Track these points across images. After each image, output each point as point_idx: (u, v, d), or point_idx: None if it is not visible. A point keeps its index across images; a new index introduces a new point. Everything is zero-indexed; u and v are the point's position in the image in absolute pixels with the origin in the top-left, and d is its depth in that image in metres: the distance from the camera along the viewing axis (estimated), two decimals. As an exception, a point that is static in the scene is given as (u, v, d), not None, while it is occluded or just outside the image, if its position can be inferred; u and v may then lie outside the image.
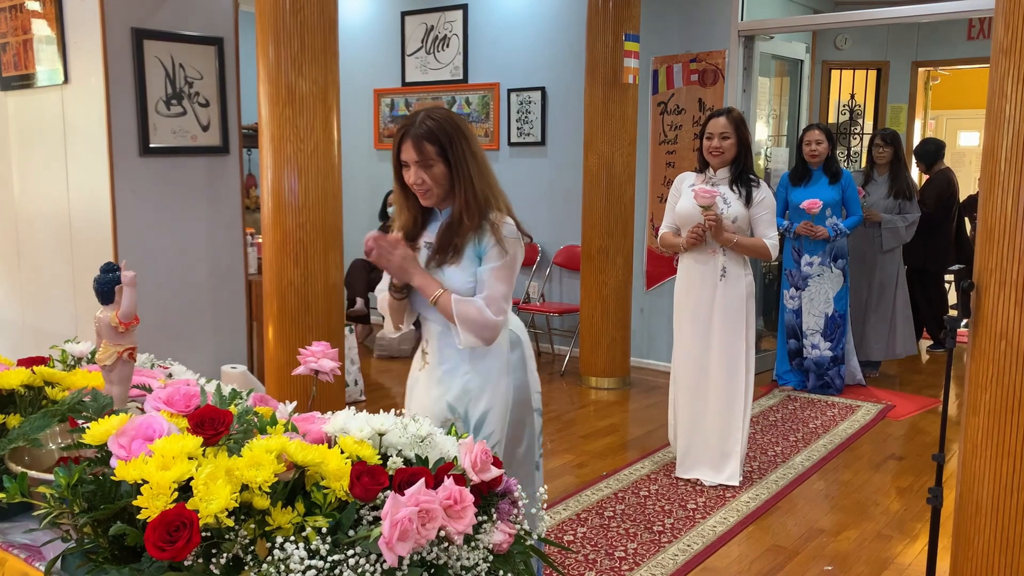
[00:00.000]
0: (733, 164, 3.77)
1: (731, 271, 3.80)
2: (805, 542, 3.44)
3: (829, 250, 5.34)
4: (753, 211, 3.75)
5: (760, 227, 3.78)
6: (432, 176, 2.20)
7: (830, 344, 5.40)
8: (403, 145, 2.20)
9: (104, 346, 1.68)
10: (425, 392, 2.38)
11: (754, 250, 3.78)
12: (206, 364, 4.20)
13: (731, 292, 3.80)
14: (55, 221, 4.33)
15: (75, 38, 4.01)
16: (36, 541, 1.45)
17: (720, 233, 3.69)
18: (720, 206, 3.71)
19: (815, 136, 5.31)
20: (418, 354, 2.45)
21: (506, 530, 1.37)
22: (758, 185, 3.77)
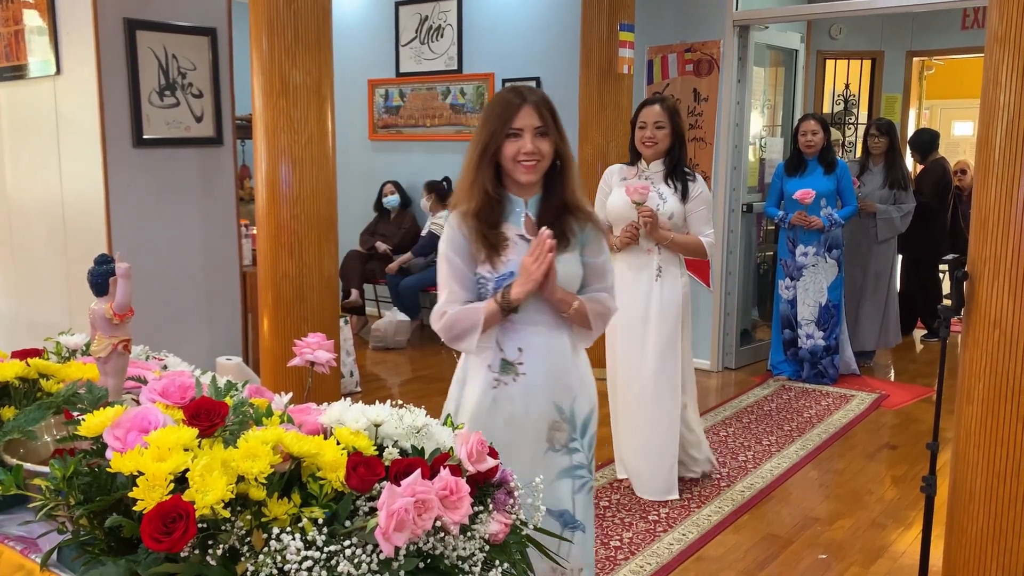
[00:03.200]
0: (667, 156, 3.56)
1: (667, 271, 3.59)
2: (800, 531, 3.45)
3: (824, 240, 5.34)
4: (689, 207, 3.55)
5: (696, 224, 3.57)
6: (544, 148, 2.13)
7: (824, 333, 5.41)
8: (521, 111, 2.11)
9: (99, 338, 1.67)
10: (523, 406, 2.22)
11: (690, 248, 3.57)
12: (201, 356, 4.20)
13: (668, 294, 3.58)
14: (48, 213, 4.32)
15: (67, 28, 3.99)
16: (32, 533, 1.45)
17: (656, 230, 3.47)
18: (655, 202, 3.51)
19: (811, 126, 5.30)
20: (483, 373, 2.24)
21: (502, 520, 1.37)
22: (694, 179, 3.58)
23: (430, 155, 6.98)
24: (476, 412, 2.23)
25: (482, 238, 2.15)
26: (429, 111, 6.95)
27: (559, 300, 2.16)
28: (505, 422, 2.21)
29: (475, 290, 2.20)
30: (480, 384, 2.24)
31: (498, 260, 2.16)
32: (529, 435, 2.23)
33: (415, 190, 6.91)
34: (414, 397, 5.06)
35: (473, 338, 2.15)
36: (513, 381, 2.21)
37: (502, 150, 2.13)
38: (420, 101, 6.98)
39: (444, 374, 5.79)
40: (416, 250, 6.62)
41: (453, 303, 2.18)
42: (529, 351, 2.20)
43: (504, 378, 2.22)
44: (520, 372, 2.21)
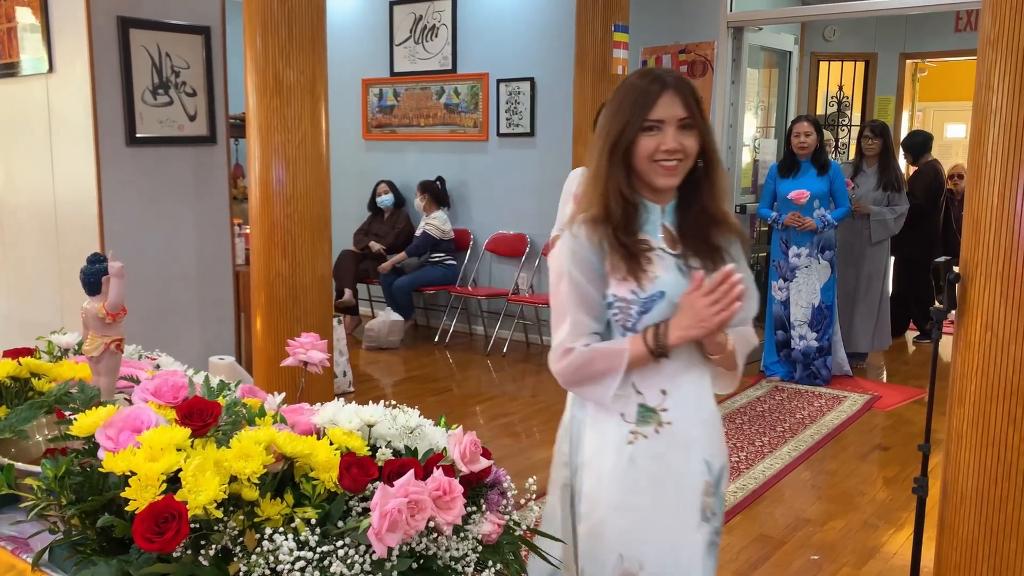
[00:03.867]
0: None
1: None
2: (792, 532, 3.46)
3: (817, 241, 5.35)
4: None
5: None
6: (688, 145, 1.71)
7: (816, 335, 5.43)
8: (661, 99, 1.69)
9: (91, 337, 1.67)
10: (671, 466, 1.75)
11: None
12: (194, 355, 4.19)
13: None
14: (40, 211, 4.30)
15: (60, 26, 3.97)
16: (23, 533, 1.44)
17: None
18: None
19: (804, 128, 5.31)
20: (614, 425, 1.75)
21: (495, 521, 1.37)
22: None
23: (424, 155, 6.98)
24: (607, 477, 1.75)
25: (622, 248, 1.71)
26: (423, 111, 6.94)
27: (717, 342, 1.72)
28: (648, 487, 1.74)
29: (604, 318, 1.75)
30: (611, 439, 1.76)
31: (644, 276, 1.70)
32: (679, 503, 1.77)
33: (409, 190, 6.91)
34: (407, 397, 5.06)
35: (610, 386, 1.71)
36: (656, 433, 1.73)
37: (635, 147, 1.71)
38: (414, 101, 6.98)
39: (437, 374, 5.80)
40: (410, 250, 6.61)
41: (580, 337, 1.72)
42: (676, 394, 1.75)
43: (643, 429, 1.73)
44: (664, 421, 1.74)
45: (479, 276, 6.72)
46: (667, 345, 1.68)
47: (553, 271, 1.80)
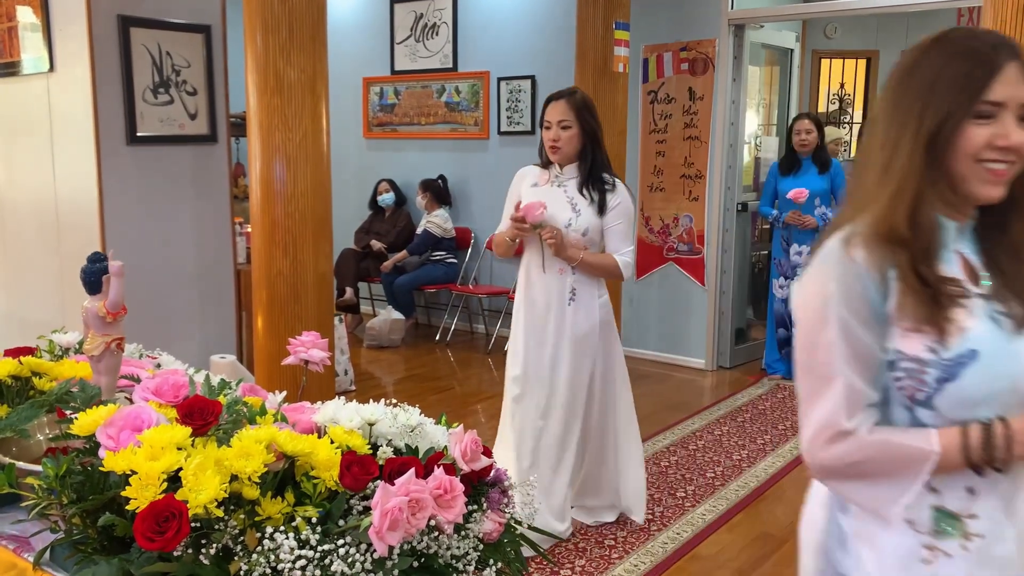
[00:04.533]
0: (580, 161, 3.10)
1: (582, 293, 3.13)
2: (794, 530, 3.45)
3: (818, 239, 5.34)
4: (606, 220, 3.08)
5: (613, 240, 3.10)
6: None
7: None
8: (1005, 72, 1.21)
9: (92, 336, 1.67)
10: None
11: (602, 269, 3.11)
12: (195, 354, 4.19)
13: (582, 319, 3.12)
14: (41, 210, 4.30)
15: (60, 25, 3.97)
16: (24, 532, 1.44)
17: (563, 250, 3.03)
18: (567, 214, 3.07)
19: (805, 126, 5.32)
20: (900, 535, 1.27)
21: (496, 519, 1.37)
22: (613, 188, 3.10)
23: (425, 153, 6.98)
24: None
25: (922, 285, 1.20)
26: (424, 109, 6.94)
27: None
28: None
29: (882, 382, 1.25)
30: (894, 553, 1.26)
31: (951, 327, 1.20)
32: None
33: (410, 188, 6.91)
34: (409, 396, 5.06)
35: (901, 495, 1.22)
36: (962, 550, 1.23)
37: (957, 138, 1.21)
38: (415, 99, 6.98)
39: (438, 372, 5.80)
40: (411, 248, 6.61)
41: (858, 411, 1.23)
42: (987, 496, 1.24)
43: (944, 544, 1.24)
44: (974, 533, 1.23)
45: (480, 274, 6.71)
46: (1008, 460, 1.19)
47: (806, 309, 1.27)
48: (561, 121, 3.04)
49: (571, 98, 3.06)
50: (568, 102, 3.05)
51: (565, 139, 3.04)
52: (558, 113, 3.05)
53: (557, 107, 3.07)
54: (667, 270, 5.97)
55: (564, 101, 3.06)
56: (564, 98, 3.07)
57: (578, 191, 3.09)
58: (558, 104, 3.07)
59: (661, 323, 6.06)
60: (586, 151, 3.08)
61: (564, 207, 3.06)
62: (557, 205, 3.06)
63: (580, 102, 3.06)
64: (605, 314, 3.20)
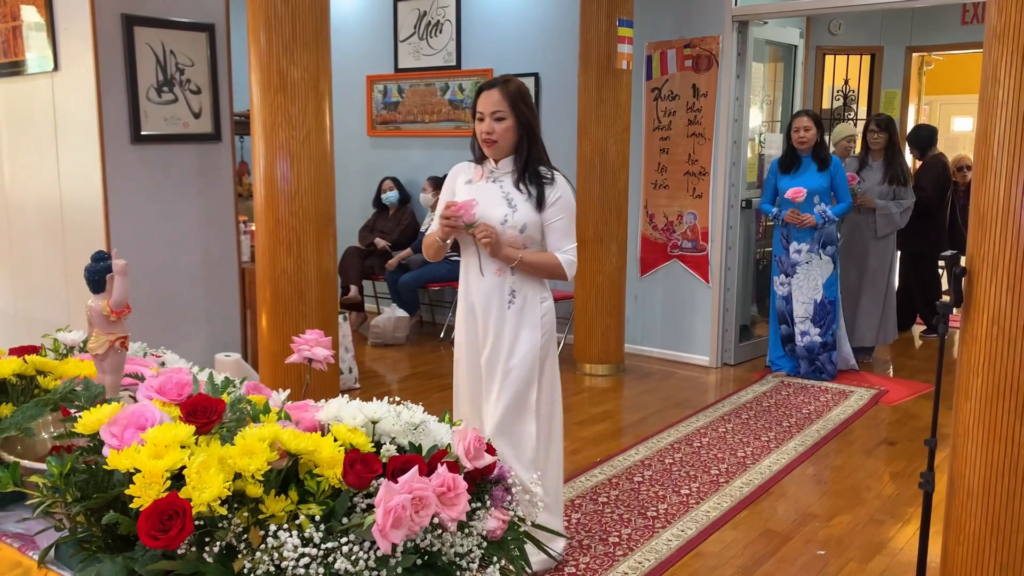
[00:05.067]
0: (516, 155, 2.85)
1: (523, 296, 2.86)
2: (798, 527, 3.46)
3: (818, 237, 5.31)
4: (546, 216, 2.83)
5: (554, 237, 2.85)
6: None
7: (820, 330, 5.41)
8: None
9: (96, 335, 1.67)
10: None
11: (544, 269, 2.85)
12: (199, 352, 4.20)
13: (523, 323, 2.85)
14: (46, 209, 4.31)
15: (65, 24, 3.98)
16: (29, 530, 1.45)
17: (500, 250, 2.77)
18: (503, 210, 2.81)
19: (803, 123, 5.27)
20: None
21: (500, 516, 1.37)
22: (552, 182, 2.84)
23: (428, 151, 6.97)
24: None
25: None
26: (427, 107, 6.94)
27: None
28: None
29: None
30: None
31: None
32: None
33: (414, 186, 6.91)
34: (413, 393, 5.06)
35: None
36: None
37: None
38: (418, 97, 6.97)
39: (442, 370, 5.80)
40: (415, 246, 6.61)
41: None
42: None
43: None
44: None
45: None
46: None
47: None
48: (495, 112, 2.78)
49: (504, 87, 2.78)
50: (501, 91, 2.77)
51: (500, 131, 2.79)
52: (491, 104, 2.78)
53: (490, 97, 2.79)
54: (671, 267, 5.96)
55: (497, 90, 2.78)
56: (497, 87, 2.79)
57: (514, 186, 2.84)
58: (491, 94, 2.79)
59: (665, 320, 6.05)
60: (522, 144, 2.82)
61: (499, 203, 2.81)
62: (492, 201, 2.82)
63: (515, 91, 2.79)
64: (548, 321, 2.91)
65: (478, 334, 2.91)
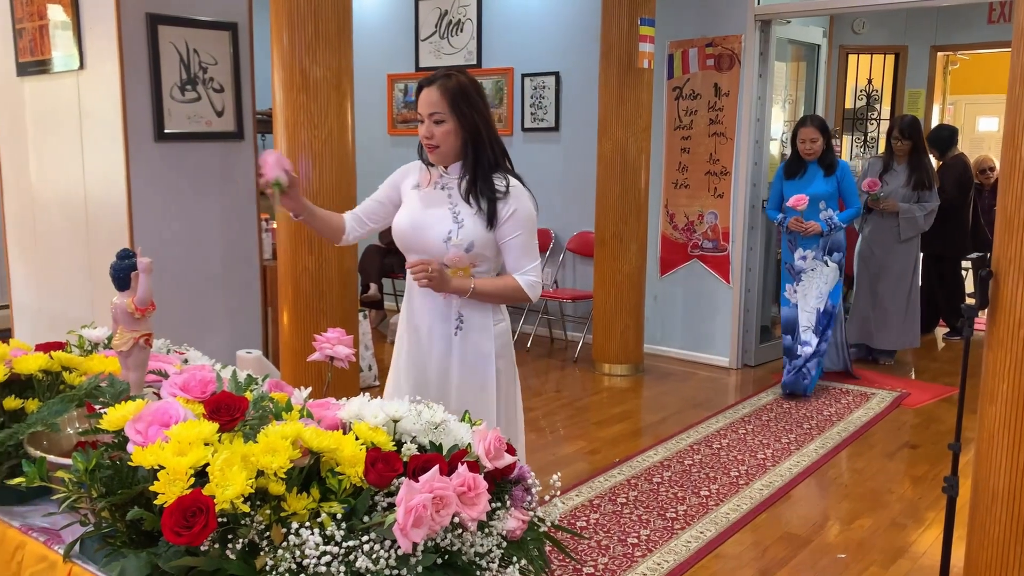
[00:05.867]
0: (463, 164, 2.39)
1: (471, 322, 2.42)
2: (818, 530, 3.43)
3: (824, 244, 5.10)
4: (500, 234, 2.38)
5: (511, 257, 2.42)
6: None
7: (817, 339, 5.16)
8: None
9: (120, 332, 1.69)
10: None
11: (501, 296, 2.42)
12: (221, 349, 4.22)
13: (471, 351, 2.42)
14: (71, 206, 4.36)
15: (90, 23, 4.02)
16: (55, 525, 1.46)
17: (446, 285, 2.32)
18: (446, 226, 2.36)
19: (809, 134, 5.00)
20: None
21: (520, 517, 1.37)
22: (506, 195, 2.38)
23: (449, 150, 6.98)
24: None
25: None
26: (448, 106, 6.94)
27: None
28: None
29: None
30: None
31: None
32: None
33: (434, 185, 6.91)
34: (432, 392, 5.06)
35: None
36: None
37: None
38: (439, 96, 6.98)
39: (462, 369, 5.81)
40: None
41: None
42: None
43: None
44: None
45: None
46: None
47: None
48: (433, 114, 2.34)
49: (443, 85, 2.33)
50: (440, 89, 2.33)
51: (440, 135, 2.34)
52: (428, 104, 2.34)
53: (427, 97, 2.35)
54: (691, 267, 5.94)
55: (435, 88, 2.33)
56: (435, 85, 2.34)
57: (463, 198, 2.39)
58: (428, 93, 2.34)
59: (685, 320, 6.03)
60: (467, 150, 2.37)
61: (444, 218, 2.37)
62: (436, 215, 2.39)
63: (455, 89, 2.33)
64: (502, 346, 2.46)
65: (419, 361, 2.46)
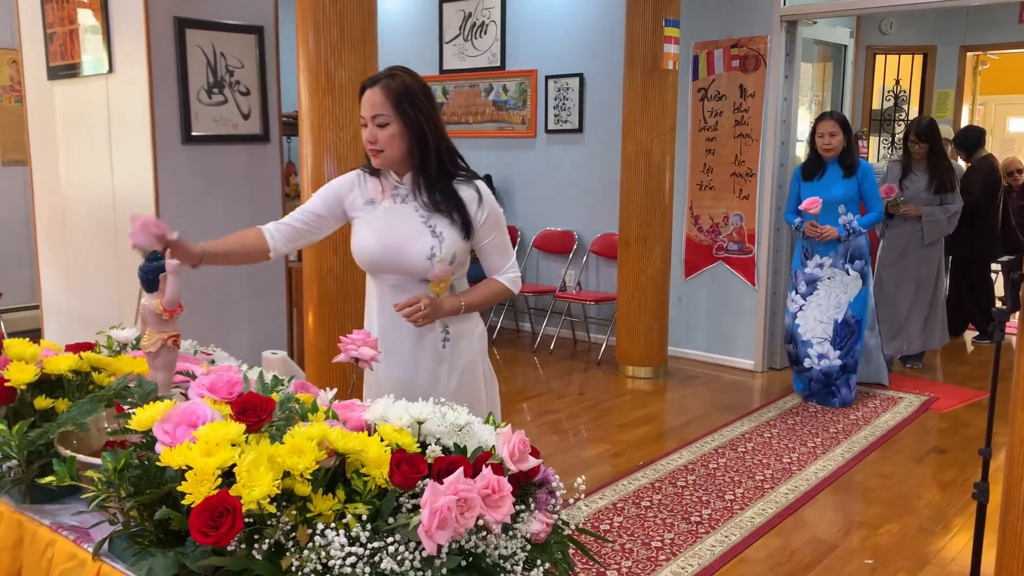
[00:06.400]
0: (421, 172, 2.23)
1: (457, 331, 2.33)
2: (844, 535, 3.40)
3: (844, 251, 4.82)
4: (476, 240, 2.28)
5: (491, 260, 2.35)
6: None
7: (840, 352, 4.88)
8: None
9: (149, 333, 1.71)
10: None
11: (490, 301, 2.38)
12: (246, 350, 4.25)
13: (460, 359, 2.34)
14: (100, 208, 4.41)
15: (119, 27, 4.07)
16: (84, 523, 1.48)
17: (441, 312, 2.23)
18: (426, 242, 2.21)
19: (828, 127, 4.76)
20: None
21: (544, 520, 1.37)
22: (480, 198, 2.27)
23: (472, 152, 6.99)
24: None
25: None
26: (472, 108, 6.96)
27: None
28: None
29: None
30: None
31: None
32: None
33: (458, 187, 6.93)
34: (455, 393, 5.07)
35: None
36: None
37: None
38: (463, 98, 7.00)
39: (485, 370, 5.82)
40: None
41: None
42: None
43: None
44: None
45: (526, 273, 6.71)
46: None
47: None
48: (376, 116, 2.19)
49: (386, 85, 2.19)
50: (383, 90, 2.19)
51: (384, 140, 2.19)
52: (370, 106, 2.20)
53: (370, 98, 2.20)
54: (716, 269, 5.90)
55: (378, 89, 2.19)
56: (378, 85, 2.20)
57: (434, 208, 2.23)
58: (371, 94, 2.20)
59: (710, 323, 5.99)
60: (415, 152, 2.22)
61: (421, 232, 2.22)
62: (412, 231, 2.22)
63: (399, 89, 2.19)
64: (483, 348, 2.43)
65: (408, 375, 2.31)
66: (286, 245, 2.36)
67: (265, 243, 2.30)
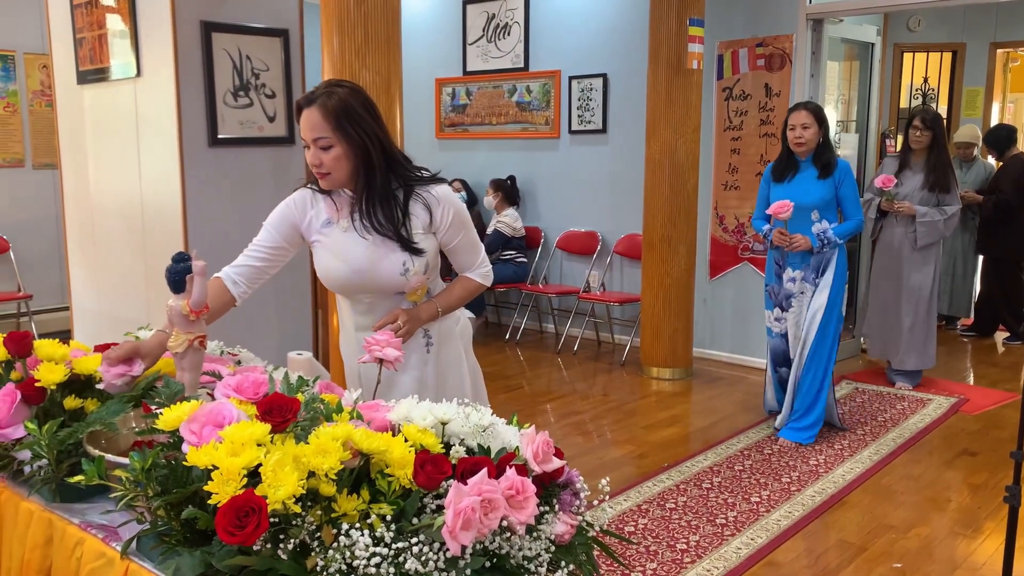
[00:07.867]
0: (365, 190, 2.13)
1: (440, 334, 2.32)
2: (873, 538, 3.36)
3: (815, 264, 4.22)
4: (444, 240, 2.23)
5: (461, 258, 2.31)
6: None
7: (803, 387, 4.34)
8: None
9: (175, 334, 1.72)
10: None
11: (464, 300, 2.35)
12: (272, 350, 4.28)
13: (444, 360, 2.35)
14: (128, 211, 4.46)
15: (147, 32, 4.11)
16: (112, 522, 1.50)
17: (420, 323, 2.22)
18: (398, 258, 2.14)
19: (801, 118, 4.16)
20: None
21: (568, 521, 1.36)
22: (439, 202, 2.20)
23: (496, 153, 7.00)
24: None
25: None
26: (495, 109, 6.96)
27: None
28: None
29: None
30: None
31: None
32: None
33: (481, 188, 6.94)
34: (479, 394, 5.08)
35: None
36: None
37: None
38: (486, 99, 7.01)
39: (508, 371, 5.81)
40: (482, 248, 6.63)
41: None
42: None
43: None
44: None
45: (550, 274, 6.71)
46: None
47: None
48: (318, 139, 2.07)
49: (323, 104, 2.06)
50: (321, 110, 2.05)
51: (329, 163, 2.08)
52: (310, 128, 2.07)
53: (308, 119, 2.07)
54: (741, 270, 5.86)
55: (316, 110, 2.06)
56: (315, 104, 2.06)
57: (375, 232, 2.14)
58: (308, 115, 2.07)
59: (735, 324, 5.95)
60: (359, 166, 2.10)
61: (391, 249, 2.14)
62: (380, 247, 2.14)
63: (337, 108, 2.05)
64: (466, 343, 2.45)
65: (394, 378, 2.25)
66: (249, 287, 2.26)
67: (229, 294, 2.20)
